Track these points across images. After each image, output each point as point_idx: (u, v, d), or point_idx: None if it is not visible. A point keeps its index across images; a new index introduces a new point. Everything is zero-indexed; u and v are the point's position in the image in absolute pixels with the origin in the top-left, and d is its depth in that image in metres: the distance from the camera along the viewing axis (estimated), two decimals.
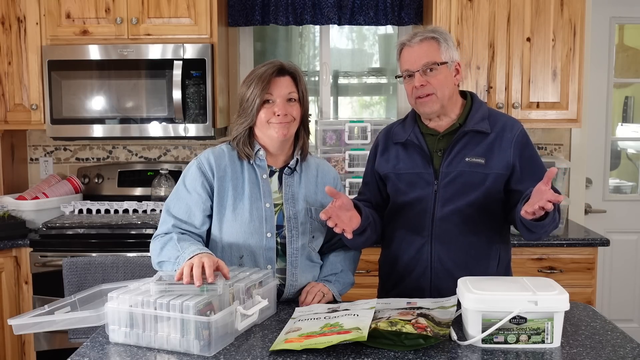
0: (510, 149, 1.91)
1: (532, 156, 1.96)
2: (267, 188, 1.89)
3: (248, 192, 1.87)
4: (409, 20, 3.48)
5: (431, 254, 1.95)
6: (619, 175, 4.03)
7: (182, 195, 1.89)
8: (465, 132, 1.94)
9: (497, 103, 3.16)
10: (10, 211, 3.15)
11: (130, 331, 1.53)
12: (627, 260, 3.87)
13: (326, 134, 3.20)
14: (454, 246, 1.93)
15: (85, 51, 3.16)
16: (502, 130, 1.94)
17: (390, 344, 1.49)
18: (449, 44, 1.94)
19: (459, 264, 1.93)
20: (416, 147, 1.98)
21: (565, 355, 1.47)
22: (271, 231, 1.87)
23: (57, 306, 1.68)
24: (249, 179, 1.89)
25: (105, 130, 3.21)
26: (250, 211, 1.85)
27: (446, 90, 1.92)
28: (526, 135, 1.97)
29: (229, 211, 1.86)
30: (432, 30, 1.95)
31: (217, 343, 1.49)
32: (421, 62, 1.90)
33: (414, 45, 1.92)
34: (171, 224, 1.86)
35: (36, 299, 2.98)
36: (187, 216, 1.86)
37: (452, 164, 1.93)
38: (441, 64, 1.91)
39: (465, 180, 1.90)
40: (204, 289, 1.54)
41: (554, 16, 3.13)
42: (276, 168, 1.94)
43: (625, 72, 3.94)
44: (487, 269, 1.94)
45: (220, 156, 1.90)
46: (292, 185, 1.94)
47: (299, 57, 3.89)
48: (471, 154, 1.92)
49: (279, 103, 1.85)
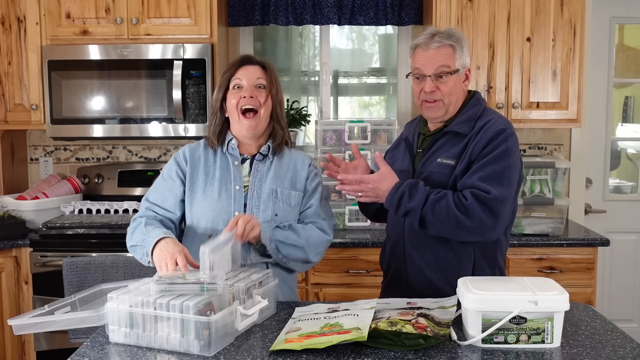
0: (476, 148, 1.85)
1: (486, 155, 1.83)
2: (237, 173, 2.00)
3: (219, 176, 1.99)
4: (409, 20, 3.48)
5: (404, 252, 1.99)
6: (619, 175, 4.03)
7: (158, 183, 2.04)
8: (444, 133, 1.94)
9: (497, 103, 3.16)
10: (10, 211, 3.15)
11: (130, 331, 1.53)
12: (627, 260, 3.87)
13: (326, 134, 3.20)
14: (423, 246, 1.95)
15: (85, 51, 3.16)
16: (479, 131, 1.89)
17: (390, 344, 1.49)
18: (464, 50, 1.93)
19: (430, 264, 1.95)
20: (409, 145, 2.04)
21: (565, 355, 1.47)
22: (239, 210, 1.95)
23: (57, 306, 1.68)
24: (220, 165, 2.01)
25: (105, 130, 3.21)
26: (219, 192, 1.96)
27: (453, 97, 1.92)
28: (499, 138, 1.84)
29: (199, 194, 1.97)
30: (449, 35, 1.92)
31: (217, 343, 1.49)
32: (434, 67, 1.89)
33: (430, 50, 1.90)
34: (145, 207, 2.01)
35: (36, 299, 2.98)
36: (161, 201, 2.00)
37: (425, 164, 1.95)
38: (453, 72, 1.90)
39: (433, 181, 1.88)
40: (204, 289, 1.54)
41: (554, 16, 3.13)
42: (249, 156, 2.03)
43: (625, 72, 3.94)
44: (460, 271, 1.90)
45: (195, 148, 2.05)
46: (262, 170, 2.02)
47: (299, 57, 3.89)
48: (445, 155, 1.91)
49: (246, 87, 1.94)
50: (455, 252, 1.92)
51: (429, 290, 1.92)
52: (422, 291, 1.92)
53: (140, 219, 1.95)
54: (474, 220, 1.77)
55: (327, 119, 3.67)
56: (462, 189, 1.82)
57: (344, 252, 2.95)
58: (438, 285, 1.93)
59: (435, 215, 1.79)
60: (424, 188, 1.83)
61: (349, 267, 2.97)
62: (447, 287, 1.88)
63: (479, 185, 1.79)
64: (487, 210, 1.77)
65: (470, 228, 1.78)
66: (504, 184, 1.81)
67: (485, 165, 1.82)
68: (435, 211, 1.79)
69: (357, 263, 2.97)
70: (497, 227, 1.81)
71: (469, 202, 1.77)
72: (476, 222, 1.77)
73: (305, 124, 3.61)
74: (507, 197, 1.81)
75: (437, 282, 1.93)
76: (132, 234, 1.94)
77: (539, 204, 3.04)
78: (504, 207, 1.80)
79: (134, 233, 1.93)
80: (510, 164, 1.84)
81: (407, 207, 1.81)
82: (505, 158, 1.83)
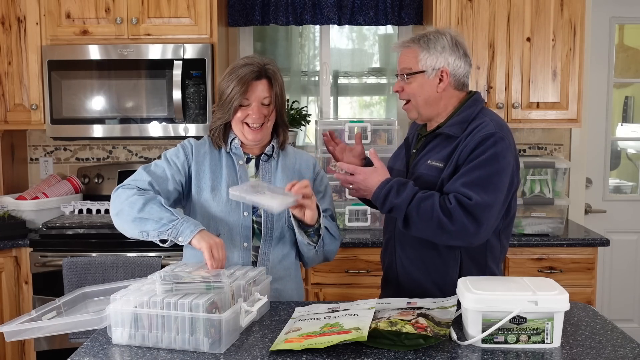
0: (464, 152, 1.83)
1: (473, 159, 1.80)
2: (243, 172, 1.99)
3: (226, 175, 1.97)
4: (409, 20, 3.48)
5: (395, 250, 2.02)
6: (619, 175, 4.03)
7: (160, 163, 1.98)
8: (436, 135, 1.94)
9: (497, 103, 3.16)
10: (10, 211, 3.15)
11: (136, 332, 1.53)
12: (627, 260, 3.87)
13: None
14: (410, 247, 1.96)
15: (85, 51, 3.16)
16: (468, 134, 1.85)
17: (390, 344, 1.49)
18: (432, 51, 1.88)
19: (417, 265, 1.95)
20: (408, 145, 2.07)
21: (565, 355, 1.47)
22: (247, 210, 1.95)
23: (43, 311, 1.65)
24: (226, 164, 1.99)
25: (105, 130, 3.21)
26: (227, 192, 1.92)
27: (420, 98, 1.91)
28: (488, 142, 1.80)
29: (207, 192, 1.95)
30: (421, 36, 1.91)
31: (227, 340, 1.51)
32: (399, 68, 1.96)
33: (398, 50, 1.98)
34: (147, 180, 1.90)
35: (36, 299, 2.98)
36: (162, 180, 1.93)
37: (416, 165, 1.95)
38: (416, 73, 1.90)
39: (422, 182, 1.87)
40: (210, 287, 1.55)
41: (554, 16, 3.13)
42: (253, 156, 2.03)
43: (625, 72, 3.94)
44: (446, 274, 1.90)
45: (201, 144, 2.03)
46: (269, 170, 2.02)
47: (299, 57, 3.89)
48: (435, 157, 1.90)
49: (254, 107, 1.93)
50: (441, 255, 1.91)
51: (416, 290, 1.92)
52: (411, 291, 1.92)
53: (153, 195, 1.85)
54: (456, 225, 1.75)
55: (327, 119, 3.67)
56: (447, 193, 1.81)
57: (344, 252, 2.95)
58: (426, 286, 1.93)
59: (419, 214, 1.78)
60: (412, 187, 1.83)
61: (349, 267, 2.97)
62: (435, 289, 1.89)
63: (462, 190, 1.77)
64: (469, 216, 1.75)
65: (452, 232, 1.76)
66: (490, 190, 1.77)
67: (471, 170, 1.79)
68: (420, 210, 1.78)
69: (357, 263, 2.97)
70: (481, 233, 1.78)
71: (452, 205, 1.75)
72: (458, 227, 1.75)
73: (305, 124, 3.61)
74: (491, 204, 1.77)
75: (425, 283, 1.93)
76: (143, 207, 1.80)
77: (539, 204, 3.04)
78: (487, 214, 1.77)
79: (145, 207, 1.80)
80: (498, 170, 1.79)
81: (392, 202, 1.81)
82: (493, 163, 1.78)
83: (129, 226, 1.84)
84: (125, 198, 1.85)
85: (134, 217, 1.82)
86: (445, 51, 1.89)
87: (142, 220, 1.81)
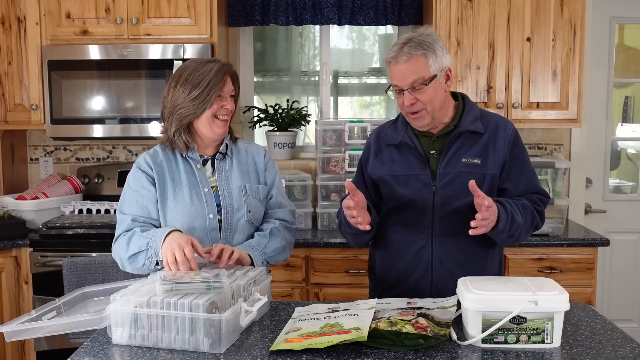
0: (504, 148, 1.94)
1: (520, 156, 1.98)
2: (202, 175, 2.02)
3: (185, 180, 2.00)
4: (409, 20, 3.48)
5: (432, 255, 1.96)
6: (619, 175, 4.03)
7: (129, 195, 2.00)
8: (460, 133, 1.93)
9: (497, 103, 3.16)
10: (10, 211, 3.15)
11: (136, 332, 1.53)
12: (627, 260, 3.87)
13: (326, 134, 3.20)
14: (455, 247, 1.94)
15: (85, 51, 3.16)
16: (496, 129, 1.96)
17: (390, 344, 1.49)
18: (437, 52, 1.86)
19: (460, 264, 1.94)
20: (411, 148, 1.97)
21: (565, 355, 1.47)
22: (212, 212, 1.99)
23: (43, 311, 1.66)
24: (184, 169, 2.02)
25: (105, 130, 3.21)
26: (190, 197, 1.98)
27: (436, 103, 1.89)
28: (517, 135, 1.99)
29: (171, 200, 1.98)
30: (419, 42, 1.85)
31: (227, 340, 1.51)
32: (409, 81, 1.85)
33: (401, 64, 1.85)
34: (130, 219, 1.95)
35: (36, 299, 2.98)
36: (141, 210, 1.97)
37: (449, 165, 1.93)
38: (430, 80, 1.86)
39: (464, 181, 1.85)
40: (211, 287, 1.55)
41: (554, 16, 3.13)
42: (208, 156, 2.07)
43: (625, 72, 3.94)
44: (485, 269, 1.97)
45: (154, 154, 2.04)
46: (225, 168, 2.06)
47: (299, 57, 3.89)
48: (467, 154, 1.93)
49: (226, 97, 2.00)
50: (481, 251, 1.98)
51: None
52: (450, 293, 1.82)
53: (133, 230, 1.91)
54: (543, 221, 2.00)
55: (327, 119, 3.67)
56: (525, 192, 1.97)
57: (344, 252, 2.95)
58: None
59: (526, 224, 1.90)
60: (513, 202, 1.90)
61: (349, 267, 2.97)
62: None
63: (540, 189, 2.00)
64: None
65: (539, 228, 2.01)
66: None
67: (527, 164, 2.00)
68: (526, 221, 1.91)
69: (357, 263, 2.97)
70: None
71: (541, 208, 1.97)
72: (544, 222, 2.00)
73: (305, 124, 3.61)
74: None
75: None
76: (128, 245, 1.89)
77: None
78: None
79: (129, 244, 1.89)
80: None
81: (518, 221, 1.85)
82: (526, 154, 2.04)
83: (132, 268, 1.93)
84: (117, 248, 1.95)
85: (126, 258, 1.91)
86: (444, 50, 1.90)
87: (134, 258, 1.90)
